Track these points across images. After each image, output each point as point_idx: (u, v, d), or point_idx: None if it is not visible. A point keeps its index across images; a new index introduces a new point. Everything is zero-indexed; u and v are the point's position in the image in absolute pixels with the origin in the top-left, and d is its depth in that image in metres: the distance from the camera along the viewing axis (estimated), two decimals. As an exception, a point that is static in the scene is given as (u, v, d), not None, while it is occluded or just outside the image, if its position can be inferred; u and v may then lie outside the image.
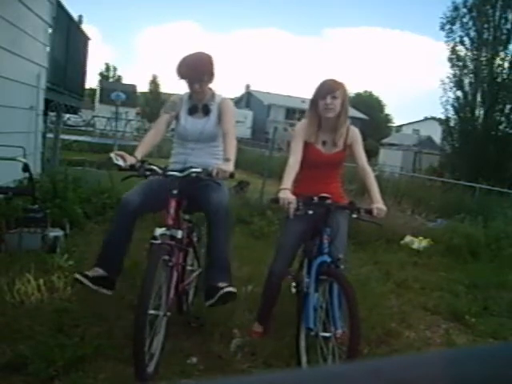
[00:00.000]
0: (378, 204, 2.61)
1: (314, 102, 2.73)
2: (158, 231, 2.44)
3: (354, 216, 2.61)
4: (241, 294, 3.59)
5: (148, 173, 2.54)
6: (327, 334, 2.41)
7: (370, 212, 2.59)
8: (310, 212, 2.56)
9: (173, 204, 2.52)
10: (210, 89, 2.87)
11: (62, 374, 2.30)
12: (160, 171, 2.57)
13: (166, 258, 2.38)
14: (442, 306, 3.98)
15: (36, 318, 2.77)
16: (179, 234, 2.50)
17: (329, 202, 2.64)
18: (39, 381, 2.23)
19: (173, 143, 3.03)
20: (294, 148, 2.73)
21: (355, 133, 2.83)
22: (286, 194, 2.48)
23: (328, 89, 2.67)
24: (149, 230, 2.65)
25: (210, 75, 2.80)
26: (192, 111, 2.87)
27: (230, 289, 2.67)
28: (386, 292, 4.08)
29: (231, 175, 2.51)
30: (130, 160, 2.52)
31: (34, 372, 2.25)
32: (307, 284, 2.58)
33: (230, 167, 2.50)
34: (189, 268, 2.92)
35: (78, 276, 2.59)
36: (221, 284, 2.67)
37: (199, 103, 2.86)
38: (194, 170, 2.55)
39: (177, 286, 2.62)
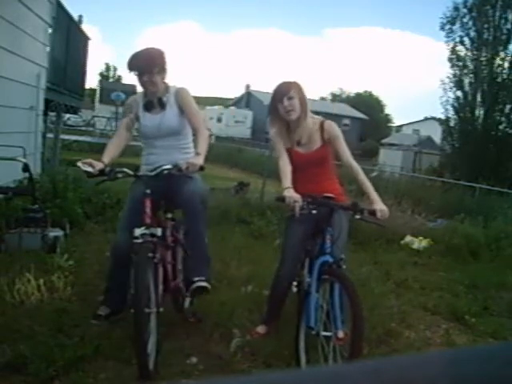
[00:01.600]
0: (381, 205, 2.59)
1: (273, 107, 2.72)
2: (138, 231, 2.48)
3: (358, 217, 2.58)
4: (240, 294, 3.60)
5: (120, 175, 2.59)
6: (328, 334, 2.41)
7: (373, 213, 2.57)
8: (314, 211, 2.55)
9: (147, 203, 2.57)
10: (164, 82, 2.84)
11: (61, 374, 2.30)
12: (131, 173, 2.63)
13: (151, 255, 2.42)
14: (442, 306, 3.97)
15: (36, 318, 2.77)
16: (159, 231, 2.55)
17: (332, 202, 2.63)
18: (39, 381, 2.23)
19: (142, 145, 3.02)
20: (279, 150, 2.76)
21: (332, 127, 2.77)
22: (291, 193, 2.49)
23: (282, 91, 2.67)
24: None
25: (161, 68, 2.78)
26: (148, 107, 2.85)
27: (202, 284, 2.71)
28: (386, 292, 4.07)
29: (201, 168, 2.54)
30: (98, 165, 2.56)
31: (34, 372, 2.25)
32: (308, 283, 2.58)
33: (200, 160, 2.53)
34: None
35: (94, 321, 2.80)
36: (195, 278, 2.73)
37: (154, 98, 2.84)
38: (164, 167, 2.59)
39: (168, 284, 2.66)
